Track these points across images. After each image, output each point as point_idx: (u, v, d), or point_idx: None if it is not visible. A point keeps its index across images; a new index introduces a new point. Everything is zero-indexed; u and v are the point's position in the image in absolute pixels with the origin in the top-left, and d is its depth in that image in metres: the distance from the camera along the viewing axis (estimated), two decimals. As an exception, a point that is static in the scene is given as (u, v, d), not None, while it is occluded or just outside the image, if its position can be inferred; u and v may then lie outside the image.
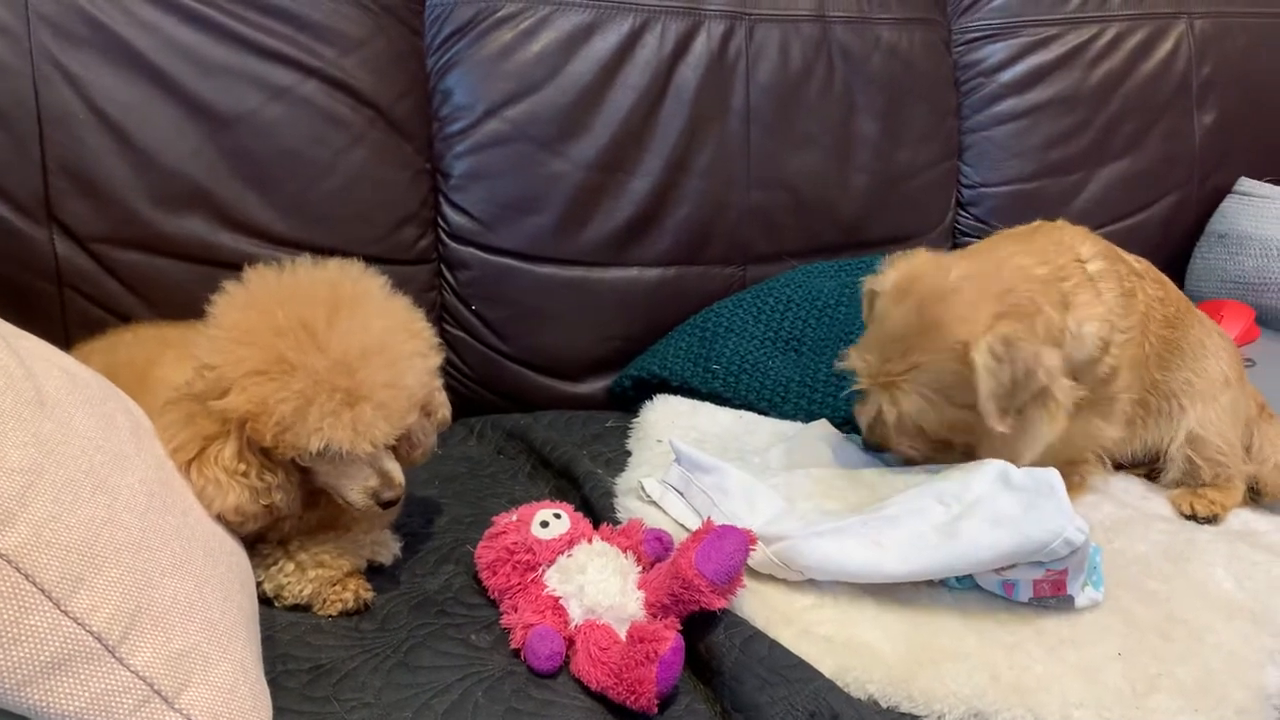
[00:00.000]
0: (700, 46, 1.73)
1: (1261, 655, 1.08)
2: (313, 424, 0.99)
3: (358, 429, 1.00)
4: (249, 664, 0.90)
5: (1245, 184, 2.14)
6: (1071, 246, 1.32)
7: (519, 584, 1.11)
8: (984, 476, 1.19)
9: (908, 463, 1.35)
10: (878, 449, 1.36)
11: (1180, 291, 1.49)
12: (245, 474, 1.03)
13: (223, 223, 1.48)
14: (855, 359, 1.30)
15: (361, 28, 1.55)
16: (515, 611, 1.08)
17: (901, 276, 1.29)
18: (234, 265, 1.48)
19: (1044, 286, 1.25)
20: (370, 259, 1.54)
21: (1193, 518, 1.35)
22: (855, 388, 1.31)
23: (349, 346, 1.01)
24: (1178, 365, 1.42)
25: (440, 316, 1.68)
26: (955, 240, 2.02)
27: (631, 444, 1.51)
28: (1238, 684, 1.03)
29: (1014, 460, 1.22)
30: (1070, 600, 1.12)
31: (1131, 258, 1.43)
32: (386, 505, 1.08)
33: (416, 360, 1.07)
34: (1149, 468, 1.48)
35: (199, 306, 1.41)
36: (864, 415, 1.34)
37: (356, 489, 1.07)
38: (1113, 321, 1.28)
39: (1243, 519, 1.37)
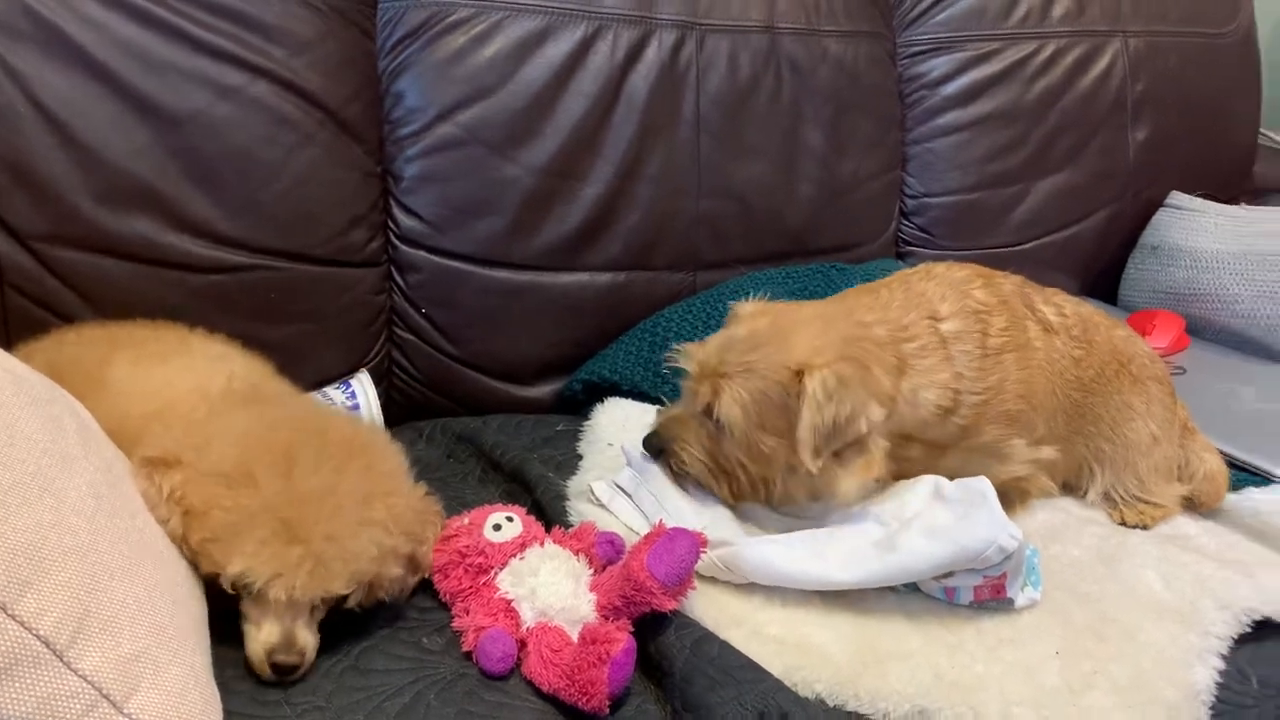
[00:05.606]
0: (651, 55, 1.74)
1: (1190, 654, 1.12)
2: (240, 545, 0.95)
3: (282, 566, 0.95)
4: (199, 668, 0.89)
5: (1177, 198, 2.21)
6: (929, 303, 1.28)
7: (471, 587, 1.11)
8: (918, 494, 1.21)
9: (675, 475, 1.27)
10: (657, 450, 1.28)
11: (1117, 351, 1.40)
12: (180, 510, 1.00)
13: (169, 222, 1.46)
14: (692, 351, 1.25)
15: (312, 29, 1.54)
16: (467, 614, 1.08)
17: (764, 303, 1.29)
18: (180, 266, 1.48)
19: (879, 348, 1.22)
20: (320, 261, 1.57)
21: (1123, 524, 1.39)
22: (682, 367, 1.26)
23: (312, 484, 0.98)
24: (1091, 433, 1.39)
25: (390, 320, 1.67)
26: (899, 249, 2.06)
27: (582, 447, 1.51)
28: (1167, 682, 1.07)
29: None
30: (1010, 602, 1.15)
31: (1051, 311, 1.36)
32: (279, 671, 0.98)
33: (374, 529, 1.01)
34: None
35: (143, 307, 1.41)
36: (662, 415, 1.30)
37: (258, 640, 0.99)
38: (958, 388, 1.25)
39: (1174, 522, 1.40)
